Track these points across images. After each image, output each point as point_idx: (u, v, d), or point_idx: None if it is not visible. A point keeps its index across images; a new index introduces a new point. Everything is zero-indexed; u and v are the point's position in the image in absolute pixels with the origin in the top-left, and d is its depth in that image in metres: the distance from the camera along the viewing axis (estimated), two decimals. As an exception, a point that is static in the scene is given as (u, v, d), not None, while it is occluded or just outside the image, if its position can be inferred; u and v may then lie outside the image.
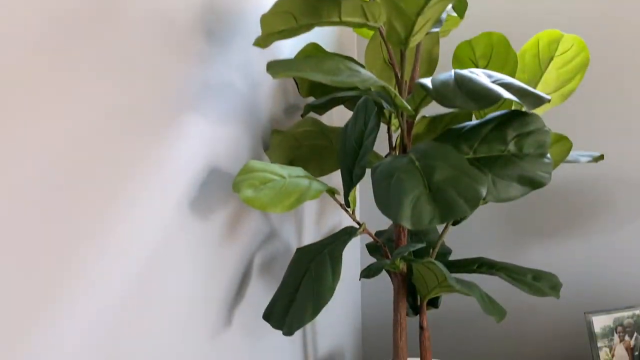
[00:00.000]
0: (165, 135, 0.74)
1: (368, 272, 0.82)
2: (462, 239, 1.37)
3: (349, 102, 1.07)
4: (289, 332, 0.78)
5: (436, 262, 0.75)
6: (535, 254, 1.31)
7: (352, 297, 1.44)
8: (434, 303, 1.00)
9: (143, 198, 0.70)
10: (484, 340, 1.37)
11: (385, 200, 0.67)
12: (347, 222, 1.40)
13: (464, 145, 0.79)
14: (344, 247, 0.83)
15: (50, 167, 0.57)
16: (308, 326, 1.18)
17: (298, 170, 0.79)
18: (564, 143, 0.84)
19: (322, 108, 1.08)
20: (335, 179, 1.30)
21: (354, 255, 1.44)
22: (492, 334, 1.36)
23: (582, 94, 1.25)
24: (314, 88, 1.10)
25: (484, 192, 0.65)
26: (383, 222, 1.42)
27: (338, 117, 1.31)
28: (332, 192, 0.81)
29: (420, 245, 0.80)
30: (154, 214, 0.72)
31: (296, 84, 1.10)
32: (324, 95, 1.05)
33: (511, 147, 0.78)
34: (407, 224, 0.63)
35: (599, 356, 1.11)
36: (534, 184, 0.75)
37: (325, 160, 1.04)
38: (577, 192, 1.26)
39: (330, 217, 1.29)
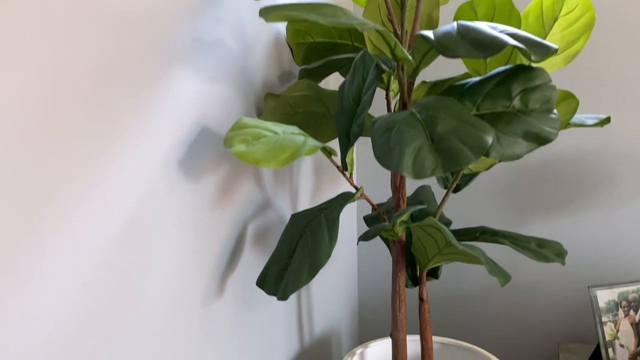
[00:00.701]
0: (152, 89, 0.70)
1: (366, 236, 0.79)
2: (461, 212, 1.34)
3: (345, 68, 1.04)
4: (283, 297, 0.74)
5: (436, 222, 0.71)
6: (537, 229, 1.28)
7: (349, 275, 1.40)
8: (434, 274, 0.97)
9: (128, 153, 0.66)
10: (486, 317, 1.34)
11: (385, 152, 0.63)
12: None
13: (467, 102, 0.76)
14: (341, 210, 0.80)
15: (29, 118, 0.53)
16: (304, 302, 1.15)
17: (293, 128, 0.75)
18: (570, 102, 0.80)
19: (318, 75, 1.04)
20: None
21: (350, 231, 1.41)
22: (494, 310, 1.33)
23: (588, 56, 1.21)
24: (310, 55, 1.07)
25: (489, 140, 0.62)
26: (381, 195, 1.38)
27: (335, 85, 1.28)
28: (328, 152, 0.77)
29: (420, 207, 0.76)
30: (140, 170, 0.68)
31: (291, 51, 1.07)
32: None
33: (516, 102, 0.74)
34: (408, 174, 0.60)
35: (603, 331, 1.07)
36: (541, 139, 0.72)
37: (321, 128, 1.01)
38: (580, 165, 1.23)
39: (327, 190, 1.26)
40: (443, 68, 1.30)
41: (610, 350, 1.07)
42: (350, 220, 1.41)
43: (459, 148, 0.61)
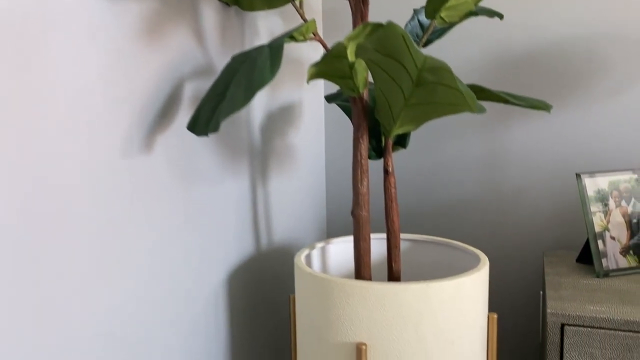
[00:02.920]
0: None
1: (316, 64, 0.66)
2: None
3: None
4: (215, 127, 0.61)
5: (398, 26, 0.58)
6: (524, 121, 1.16)
7: (316, 172, 1.27)
8: (402, 142, 0.85)
9: None
10: (468, 225, 1.22)
11: None
12: (308, 96, 1.23)
13: None
14: (286, 38, 0.67)
15: None
16: (260, 199, 1.01)
17: None
18: None
19: None
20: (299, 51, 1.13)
21: (317, 125, 1.28)
22: (477, 218, 1.22)
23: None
24: None
25: None
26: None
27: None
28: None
29: (382, 22, 0.64)
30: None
31: None
32: None
33: None
34: None
35: (592, 221, 0.96)
36: None
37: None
38: (571, 53, 1.11)
39: (288, 79, 1.12)
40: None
41: (600, 242, 0.96)
42: (318, 115, 1.27)
43: None
